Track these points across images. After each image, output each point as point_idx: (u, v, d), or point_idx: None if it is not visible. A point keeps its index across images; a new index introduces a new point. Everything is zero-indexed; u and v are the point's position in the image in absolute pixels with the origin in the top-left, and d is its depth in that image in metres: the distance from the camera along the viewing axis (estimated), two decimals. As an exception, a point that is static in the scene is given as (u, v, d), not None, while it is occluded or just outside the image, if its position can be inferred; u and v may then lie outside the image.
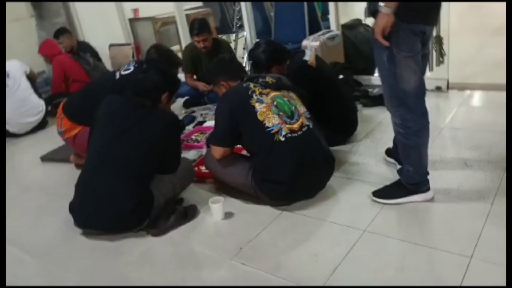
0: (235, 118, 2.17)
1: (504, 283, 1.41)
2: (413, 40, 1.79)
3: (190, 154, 2.87)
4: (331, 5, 3.80)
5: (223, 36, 5.81)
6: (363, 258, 1.79)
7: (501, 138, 2.61)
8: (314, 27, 4.11)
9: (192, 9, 5.66)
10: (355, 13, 4.59)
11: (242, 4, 4.40)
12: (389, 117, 2.34)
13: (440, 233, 1.90)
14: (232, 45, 5.64)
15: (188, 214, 2.19)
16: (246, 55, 4.43)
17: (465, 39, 4.91)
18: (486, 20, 6.27)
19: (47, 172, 3.12)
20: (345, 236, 1.93)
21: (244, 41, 5.01)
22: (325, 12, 4.21)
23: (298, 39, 3.85)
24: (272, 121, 2.12)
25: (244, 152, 2.41)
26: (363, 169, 2.51)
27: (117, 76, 2.76)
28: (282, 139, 2.10)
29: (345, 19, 4.18)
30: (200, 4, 6.01)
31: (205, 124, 3.50)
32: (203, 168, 2.58)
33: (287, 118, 2.16)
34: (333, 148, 2.72)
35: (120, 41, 5.52)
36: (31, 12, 5.56)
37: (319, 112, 2.50)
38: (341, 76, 3.51)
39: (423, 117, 1.95)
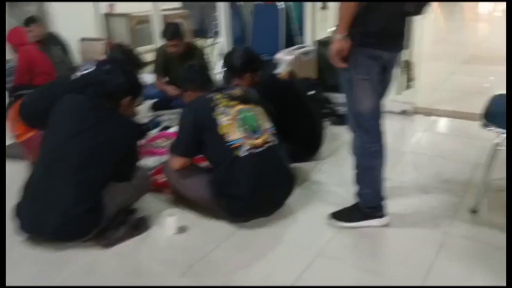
0: (197, 129, 2.13)
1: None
2: (370, 64, 1.83)
3: (150, 161, 2.78)
4: (307, 20, 3.81)
5: (200, 40, 5.75)
6: (314, 283, 1.76)
7: (462, 167, 2.66)
8: (290, 41, 4.10)
9: (170, 10, 5.56)
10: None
11: (221, 10, 4.35)
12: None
13: (393, 261, 1.89)
14: (208, 50, 5.60)
15: (140, 226, 2.11)
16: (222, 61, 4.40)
17: (436, 65, 5.03)
18: (458, 48, 6.47)
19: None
20: (299, 258, 1.90)
21: (220, 48, 4.96)
22: (301, 26, 4.21)
23: (273, 51, 3.83)
24: (236, 135, 2.08)
25: (206, 164, 2.36)
26: (325, 189, 2.50)
27: (76, 76, 2.65)
28: (242, 154, 2.06)
29: (323, 34, 4.19)
30: (179, 5, 5.93)
31: (171, 130, 3.41)
32: (161, 177, 2.51)
33: (252, 133, 2.12)
34: (297, 165, 2.72)
35: (93, 36, 5.37)
36: (1, -3, 5.32)
37: (285, 127, 2.48)
38: (312, 92, 3.51)
39: (379, 139, 1.97)
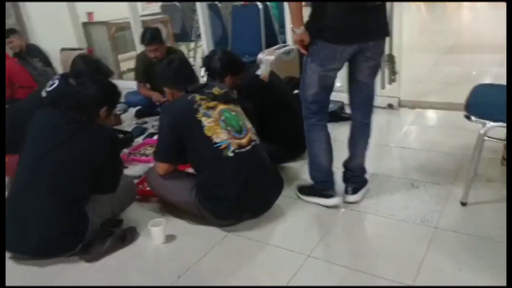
0: (178, 133, 2.08)
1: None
2: (326, 55, 1.97)
3: (136, 170, 2.74)
4: (288, 19, 3.78)
5: (182, 44, 5.71)
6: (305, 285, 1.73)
7: (449, 159, 2.66)
8: (271, 41, 4.08)
9: (149, 15, 5.51)
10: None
11: (199, 12, 4.32)
12: (342, 134, 2.39)
13: (383, 259, 1.87)
14: (191, 54, 5.57)
15: (127, 237, 2.06)
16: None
17: (418, 57, 5.04)
18: (440, 38, 6.50)
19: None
20: (289, 262, 1.87)
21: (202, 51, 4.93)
22: (283, 25, 4.19)
23: (254, 52, 3.80)
24: (221, 137, 2.04)
25: (189, 170, 2.32)
26: (312, 188, 2.47)
27: (43, 94, 2.60)
28: (231, 155, 2.03)
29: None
30: (158, 10, 5.88)
31: (156, 137, 3.37)
32: (147, 186, 2.47)
33: (236, 133, 2.09)
34: (284, 165, 2.71)
35: (73, 45, 5.30)
36: (-23, 11, 5.23)
37: (269, 128, 2.46)
38: (296, 91, 3.48)
39: (319, 113, 2.14)
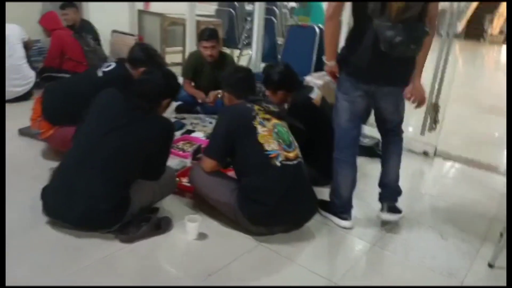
0: (233, 135, 2.17)
1: None
2: (348, 86, 2.18)
3: (174, 163, 2.80)
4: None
5: (227, 50, 5.82)
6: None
7: (479, 218, 2.68)
8: (320, 64, 4.15)
9: (204, 16, 5.64)
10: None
11: (255, 22, 4.40)
12: (376, 170, 2.45)
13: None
14: (235, 61, 5.67)
15: (162, 226, 2.12)
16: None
17: (456, 109, 5.06)
18: (478, 95, 6.54)
19: (22, 147, 2.98)
20: (312, 283, 1.91)
21: (249, 60, 5.02)
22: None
23: (303, 72, 3.87)
24: (272, 146, 2.13)
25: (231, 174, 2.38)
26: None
27: (99, 74, 2.68)
28: (278, 165, 2.11)
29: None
30: (212, 13, 6.02)
31: (194, 134, 3.45)
32: (185, 180, 2.54)
33: (285, 146, 2.18)
34: (317, 188, 2.74)
35: (124, 30, 5.44)
36: (42, -22, 5.41)
37: (310, 151, 2.51)
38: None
39: (347, 151, 2.30)
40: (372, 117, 2.47)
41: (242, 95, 2.34)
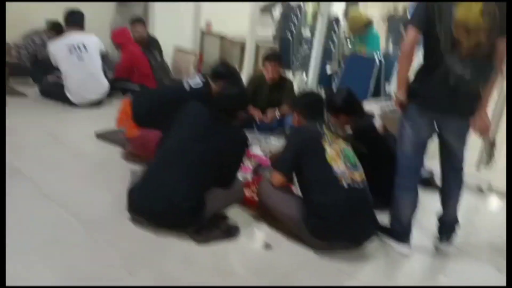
0: (302, 152, 2.31)
1: None
2: (415, 114, 2.28)
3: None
4: (395, 75, 3.96)
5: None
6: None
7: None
8: (376, 91, 4.26)
9: (263, 40, 5.89)
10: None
11: (315, 48, 4.58)
12: (433, 203, 2.56)
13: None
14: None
15: (231, 232, 2.27)
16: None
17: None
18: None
19: (101, 149, 3.22)
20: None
21: (304, 83, 5.19)
22: (388, 78, 4.41)
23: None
24: (339, 167, 2.25)
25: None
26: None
27: (187, 88, 2.95)
28: (345, 185, 2.23)
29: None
30: (270, 38, 6.28)
31: (255, 151, 3.60)
32: (248, 193, 2.68)
33: (352, 168, 2.30)
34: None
35: (186, 47, 5.76)
36: (114, -5, 5.85)
37: (371, 175, 2.60)
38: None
39: (409, 177, 2.39)
40: (431, 150, 2.55)
41: (312, 117, 2.49)
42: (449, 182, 2.48)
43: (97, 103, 4.13)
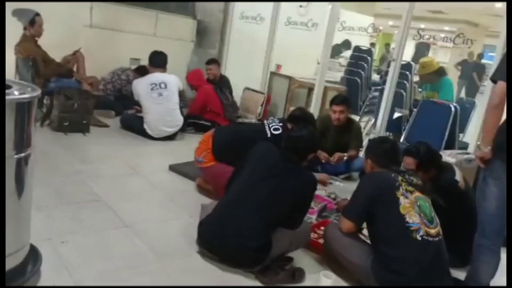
0: (374, 201, 2.23)
1: None
2: (502, 172, 2.13)
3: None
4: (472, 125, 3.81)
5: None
6: None
7: None
8: (450, 140, 4.10)
9: (331, 83, 5.96)
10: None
11: (385, 94, 4.52)
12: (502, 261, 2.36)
13: None
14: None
15: (296, 276, 2.24)
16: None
17: None
18: None
19: (173, 181, 3.38)
20: None
21: (372, 127, 5.13)
22: (462, 127, 4.24)
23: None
24: (413, 219, 2.16)
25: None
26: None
27: (268, 134, 3.05)
28: (419, 238, 2.12)
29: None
30: (338, 80, 6.34)
31: (317, 192, 3.58)
32: (312, 236, 2.65)
33: (427, 221, 2.19)
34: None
35: (255, 87, 5.97)
36: (193, 37, 6.28)
37: (450, 231, 2.47)
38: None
39: (491, 237, 2.23)
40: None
41: (386, 165, 2.41)
42: None
43: (171, 137, 4.36)
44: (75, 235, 2.32)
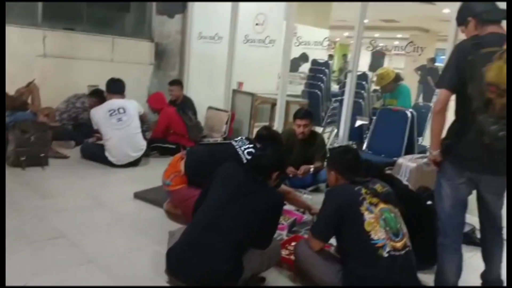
0: (340, 218, 2.22)
1: None
2: (453, 173, 2.27)
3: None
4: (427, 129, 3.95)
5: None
6: None
7: None
8: (409, 146, 4.23)
9: (293, 96, 6.04)
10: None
11: (344, 104, 4.65)
12: (474, 258, 2.54)
13: None
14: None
15: (269, 297, 2.23)
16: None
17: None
18: None
19: (139, 209, 3.29)
20: None
21: (336, 137, 5.22)
22: (420, 133, 4.37)
23: (392, 154, 3.98)
24: (379, 235, 2.14)
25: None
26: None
27: (244, 160, 2.93)
28: (385, 255, 2.11)
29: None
30: (299, 93, 6.44)
31: (286, 207, 3.59)
32: (284, 252, 2.65)
33: (393, 235, 2.17)
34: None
35: (218, 105, 5.96)
36: (151, 60, 6.24)
37: (413, 234, 2.53)
38: (429, 202, 3.53)
39: (451, 235, 2.31)
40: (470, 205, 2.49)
41: (350, 177, 2.38)
42: (490, 241, 2.42)
43: (135, 163, 4.27)
44: (38, 276, 2.22)
